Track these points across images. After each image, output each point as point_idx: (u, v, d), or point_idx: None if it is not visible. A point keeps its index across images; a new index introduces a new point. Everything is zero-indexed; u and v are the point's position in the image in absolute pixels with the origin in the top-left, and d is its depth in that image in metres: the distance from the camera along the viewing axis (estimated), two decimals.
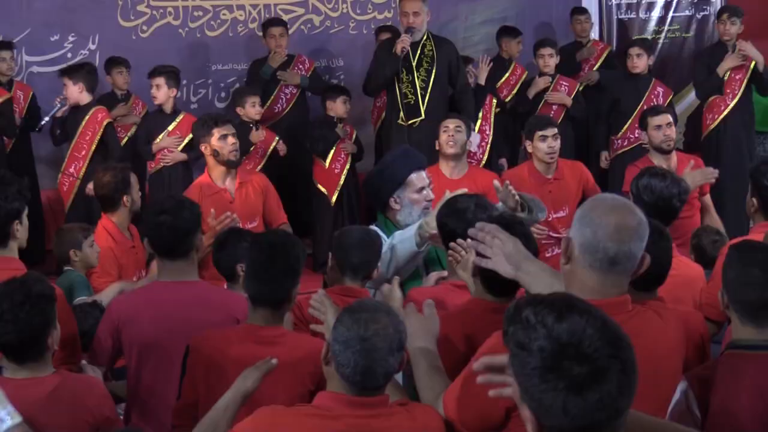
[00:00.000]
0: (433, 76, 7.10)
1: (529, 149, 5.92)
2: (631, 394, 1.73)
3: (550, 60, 7.97)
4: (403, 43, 6.87)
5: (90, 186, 5.92)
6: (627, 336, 1.75)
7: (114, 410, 3.20)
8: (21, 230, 3.66)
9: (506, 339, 1.79)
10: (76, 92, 6.90)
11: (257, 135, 7.21)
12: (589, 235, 2.46)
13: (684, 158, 5.99)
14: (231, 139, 5.41)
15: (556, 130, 5.92)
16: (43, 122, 7.10)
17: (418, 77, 7.01)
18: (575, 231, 2.51)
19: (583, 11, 8.77)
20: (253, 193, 5.49)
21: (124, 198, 5.06)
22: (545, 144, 5.81)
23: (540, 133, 5.84)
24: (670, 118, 5.94)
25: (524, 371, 1.73)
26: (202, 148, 5.50)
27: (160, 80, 6.95)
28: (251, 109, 7.17)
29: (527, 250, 2.91)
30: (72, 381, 3.11)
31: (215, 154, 5.40)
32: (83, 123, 6.89)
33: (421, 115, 6.97)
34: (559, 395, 1.68)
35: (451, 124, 5.84)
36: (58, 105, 6.95)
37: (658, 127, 5.80)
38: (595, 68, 8.54)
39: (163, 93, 6.94)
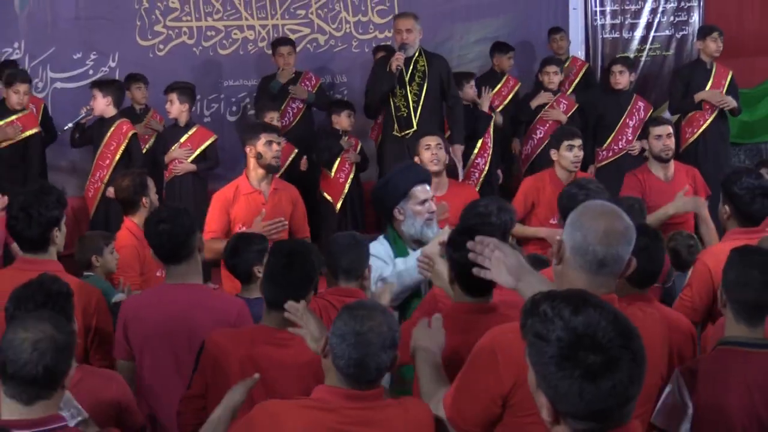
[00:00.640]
0: (425, 90, 7.10)
1: (554, 158, 5.87)
2: (640, 382, 1.75)
3: (554, 77, 8.01)
4: (398, 60, 6.93)
5: (111, 189, 5.96)
6: (636, 328, 1.77)
7: (133, 401, 3.19)
8: (59, 236, 3.73)
9: (524, 331, 1.81)
10: (104, 104, 6.94)
11: None
12: (579, 239, 2.47)
13: (681, 167, 6.02)
14: (275, 146, 5.30)
15: (581, 141, 5.92)
16: (66, 127, 7.08)
17: (410, 91, 7.03)
18: (567, 234, 2.51)
19: (558, 30, 8.78)
20: (285, 201, 5.37)
21: (143, 200, 5.07)
22: (572, 153, 5.78)
23: (567, 142, 5.79)
24: (670, 129, 5.93)
25: (542, 360, 1.75)
26: (247, 149, 5.35)
27: (173, 96, 7.05)
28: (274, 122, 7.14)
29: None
30: (92, 375, 3.10)
31: (258, 156, 5.25)
32: (108, 134, 6.92)
33: (413, 127, 6.96)
34: (575, 382, 1.71)
35: (432, 141, 5.68)
36: (84, 113, 6.98)
37: (659, 137, 5.83)
38: (574, 83, 8.57)
39: (175, 108, 7.05)
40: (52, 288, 3.03)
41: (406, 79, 7.08)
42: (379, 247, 4.18)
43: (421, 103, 7.07)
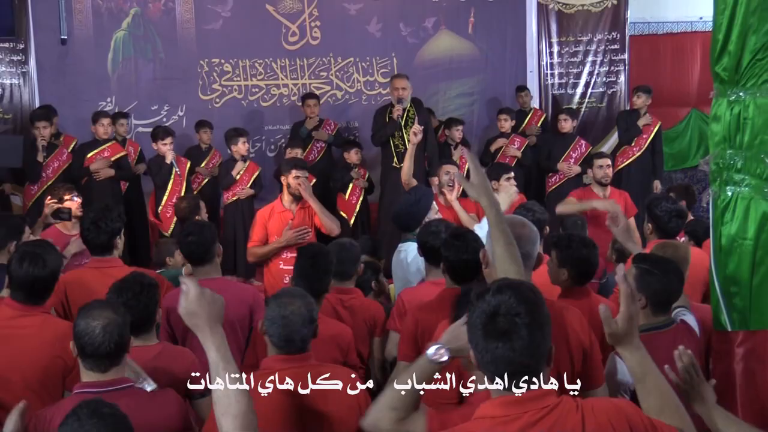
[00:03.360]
0: None
1: (495, 187, 5.90)
2: (545, 343, 1.75)
3: (506, 123, 8.08)
4: (398, 111, 6.97)
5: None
6: (542, 305, 1.78)
7: (199, 372, 3.02)
8: (120, 243, 3.77)
9: (470, 315, 1.82)
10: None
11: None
12: None
13: (615, 191, 5.98)
14: (302, 181, 5.10)
15: (513, 174, 6.00)
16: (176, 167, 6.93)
17: (405, 133, 7.01)
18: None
19: (523, 88, 8.79)
20: (308, 216, 5.20)
21: (196, 218, 5.09)
22: (508, 183, 5.78)
23: (505, 175, 5.87)
24: (609, 161, 5.94)
25: (473, 332, 1.78)
26: (282, 179, 5.25)
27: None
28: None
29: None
30: (170, 349, 3.07)
31: (288, 186, 5.15)
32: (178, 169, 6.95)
33: None
34: (491, 345, 1.73)
35: (452, 169, 5.73)
36: (174, 160, 6.87)
37: (600, 166, 5.87)
38: (538, 125, 8.49)
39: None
40: (145, 281, 3.04)
41: (402, 123, 7.16)
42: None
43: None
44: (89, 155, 6.92)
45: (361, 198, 7.64)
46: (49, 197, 5.22)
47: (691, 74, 9.39)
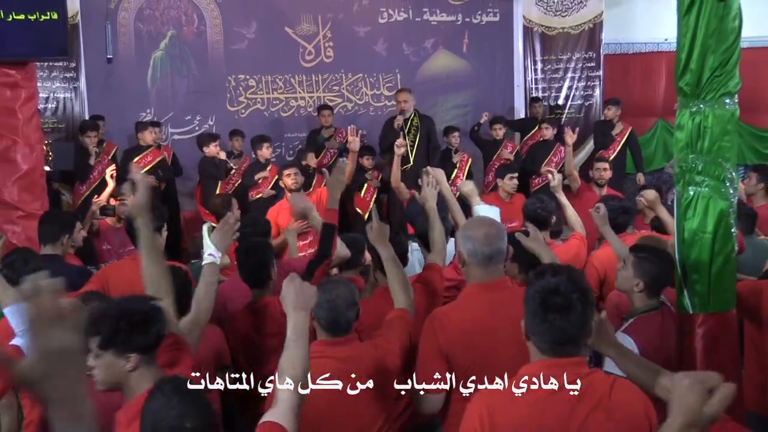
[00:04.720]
0: (417, 139, 7.19)
1: (500, 184, 6.03)
2: (590, 318, 1.81)
3: (500, 131, 8.09)
4: (398, 121, 7.08)
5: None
6: (588, 284, 1.84)
7: (226, 347, 3.06)
8: (161, 238, 3.75)
9: (527, 289, 1.86)
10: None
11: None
12: (470, 246, 2.44)
13: (610, 191, 5.87)
14: (292, 177, 5.33)
15: (517, 174, 6.12)
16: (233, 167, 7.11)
17: (408, 139, 7.09)
18: (462, 245, 2.47)
19: (537, 100, 8.79)
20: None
21: (228, 213, 5.08)
22: (512, 182, 5.97)
23: (509, 175, 6.00)
24: (607, 165, 5.89)
25: (529, 306, 1.83)
26: (281, 183, 5.52)
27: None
28: (312, 160, 7.26)
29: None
30: (209, 328, 2.96)
31: (284, 185, 5.39)
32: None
33: (410, 163, 7.03)
34: (548, 317, 1.78)
35: (435, 172, 5.76)
36: (232, 163, 6.94)
37: (598, 169, 5.86)
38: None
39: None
40: (179, 272, 3.05)
41: (405, 131, 7.20)
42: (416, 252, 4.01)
43: (415, 147, 7.16)
44: (135, 160, 7.00)
45: (374, 196, 7.57)
46: (96, 196, 5.28)
47: (658, 89, 9.38)
